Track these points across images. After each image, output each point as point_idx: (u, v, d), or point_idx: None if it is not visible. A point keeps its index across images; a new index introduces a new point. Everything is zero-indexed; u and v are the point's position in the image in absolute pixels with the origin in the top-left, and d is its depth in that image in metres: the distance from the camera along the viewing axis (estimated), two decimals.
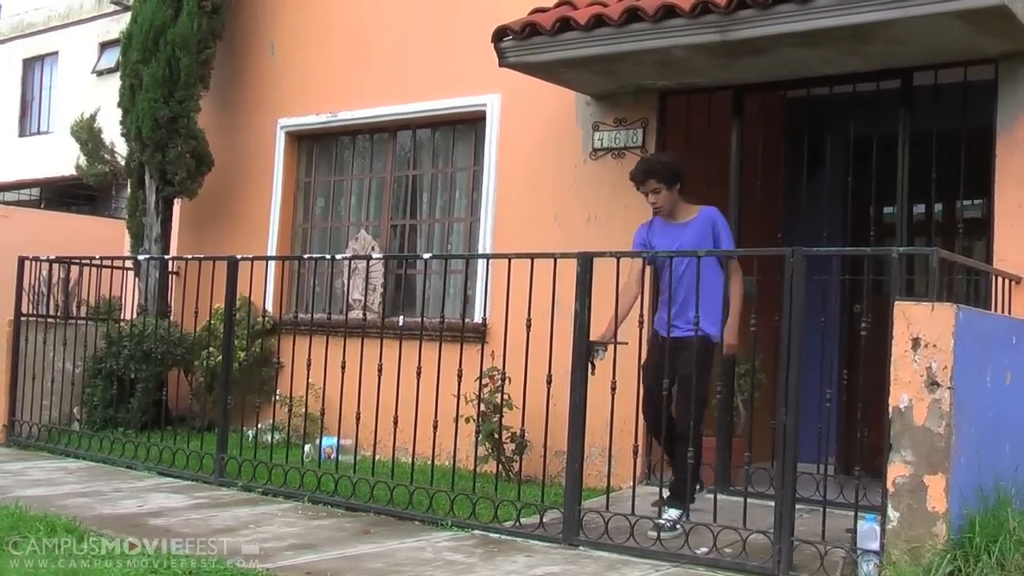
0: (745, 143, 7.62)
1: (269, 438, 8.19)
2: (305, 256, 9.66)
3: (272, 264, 9.68)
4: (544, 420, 6.13)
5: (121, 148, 12.25)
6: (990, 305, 6.17)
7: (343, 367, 6.83)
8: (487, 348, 7.24)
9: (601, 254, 6.08)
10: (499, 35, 7.49)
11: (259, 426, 8.59)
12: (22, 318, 9.39)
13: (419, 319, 7.11)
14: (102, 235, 15.64)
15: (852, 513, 5.27)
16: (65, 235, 14.96)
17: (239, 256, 7.96)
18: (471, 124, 9.12)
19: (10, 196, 24.87)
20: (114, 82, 11.94)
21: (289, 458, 7.39)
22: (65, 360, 9.33)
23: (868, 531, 5.04)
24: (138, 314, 10.22)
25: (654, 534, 5.63)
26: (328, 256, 8.52)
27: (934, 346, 4.71)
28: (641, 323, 6.08)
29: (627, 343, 6.05)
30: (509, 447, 7.44)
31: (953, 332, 4.69)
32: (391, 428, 6.63)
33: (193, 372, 9.76)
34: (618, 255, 6.05)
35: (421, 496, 6.50)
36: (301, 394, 7.77)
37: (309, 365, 7.09)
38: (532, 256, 6.24)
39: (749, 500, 5.55)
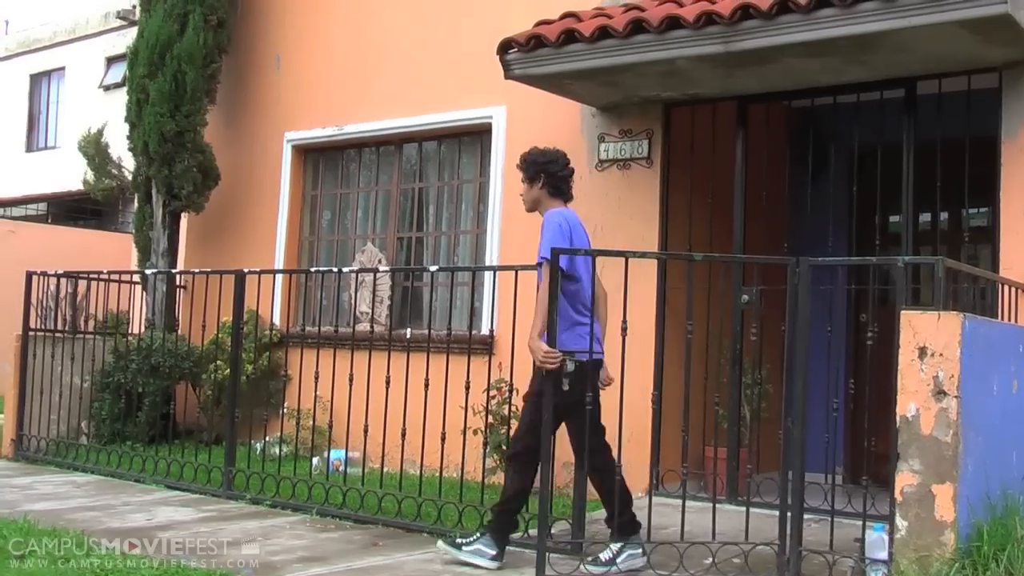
0: (749, 153, 7.64)
1: (277, 451, 8.20)
2: (312, 269, 9.68)
3: (279, 277, 9.71)
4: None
5: (128, 163, 12.28)
6: (996, 313, 6.16)
7: (351, 380, 6.84)
8: (494, 360, 7.25)
9: (577, 251, 6.01)
10: (504, 47, 7.52)
11: (267, 439, 8.60)
12: (30, 333, 9.42)
13: (426, 331, 7.12)
14: (109, 249, 15.72)
15: (860, 522, 5.28)
16: (72, 250, 15.05)
17: (246, 270, 7.99)
18: (477, 136, 9.15)
19: (17, 211, 24.92)
20: (121, 97, 12.00)
21: (297, 471, 7.39)
22: (73, 374, 9.35)
23: (876, 540, 5.05)
24: (146, 328, 10.25)
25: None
26: (335, 269, 8.55)
27: (940, 355, 4.72)
28: (624, 331, 5.73)
29: (602, 353, 5.94)
30: None
31: (959, 341, 4.69)
32: (399, 440, 6.64)
33: (201, 385, 9.78)
34: (593, 252, 5.81)
35: (429, 508, 6.51)
36: (309, 407, 7.78)
37: (317, 378, 7.11)
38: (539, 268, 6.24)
39: (757, 510, 5.55)
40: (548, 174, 5.90)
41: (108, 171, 16.84)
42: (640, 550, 5.53)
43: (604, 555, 5.56)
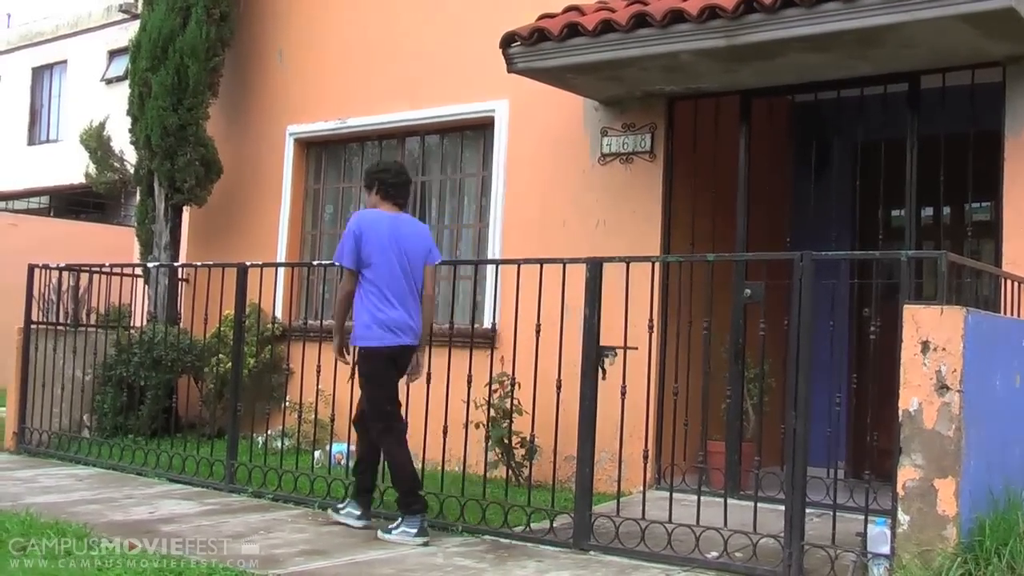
0: (753, 147, 7.63)
1: (279, 444, 8.21)
2: (314, 263, 9.67)
3: (281, 271, 9.71)
4: (554, 425, 6.14)
5: (130, 156, 12.28)
6: (999, 308, 6.16)
7: (352, 373, 6.83)
8: (497, 353, 7.25)
9: (611, 259, 6.09)
10: (507, 41, 7.51)
11: (269, 432, 8.60)
12: (32, 326, 9.41)
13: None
14: (111, 243, 15.74)
15: (862, 517, 5.28)
16: (74, 243, 15.06)
17: (248, 263, 7.98)
18: (479, 130, 9.14)
19: (20, 204, 24.93)
20: (123, 90, 11.99)
21: (299, 464, 7.39)
22: (75, 367, 9.35)
23: (878, 535, 5.04)
24: (148, 321, 10.25)
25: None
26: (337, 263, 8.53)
27: (943, 349, 4.72)
28: (651, 328, 6.06)
29: (637, 348, 6.05)
30: (519, 452, 7.44)
31: (962, 335, 4.69)
32: None
33: (203, 379, 9.78)
34: (627, 260, 6.05)
35: (431, 502, 6.49)
36: (311, 400, 7.78)
37: (319, 371, 7.10)
38: (541, 262, 6.26)
39: (759, 504, 5.55)
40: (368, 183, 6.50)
41: (110, 164, 16.89)
42: (416, 528, 5.94)
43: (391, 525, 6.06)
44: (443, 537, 6.10)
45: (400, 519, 6.00)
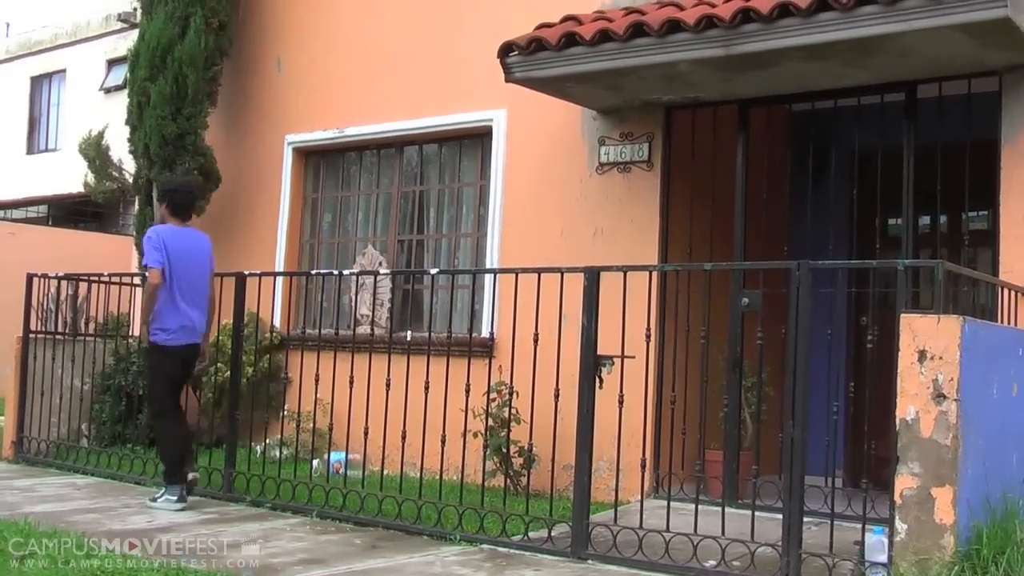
0: (750, 157, 7.65)
1: (277, 453, 8.19)
2: (313, 272, 9.66)
3: (280, 280, 9.71)
4: (552, 434, 6.15)
5: (129, 165, 12.26)
6: (996, 317, 6.18)
7: (351, 382, 6.85)
8: (495, 362, 7.25)
9: (608, 268, 6.11)
10: (505, 50, 7.53)
11: (267, 441, 8.60)
12: (30, 335, 9.41)
13: (427, 334, 7.13)
14: (110, 252, 15.71)
15: (860, 525, 5.29)
16: (73, 252, 15.05)
17: (247, 272, 8.00)
18: (478, 139, 9.15)
19: (18, 213, 24.94)
20: (122, 99, 11.99)
21: (297, 473, 7.40)
22: (73, 377, 9.35)
23: (876, 543, 5.05)
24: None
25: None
26: (336, 272, 8.55)
27: (940, 358, 4.73)
28: (648, 337, 6.08)
29: (634, 357, 6.06)
30: (517, 461, 7.45)
31: (959, 344, 4.71)
32: (399, 443, 6.65)
33: (201, 388, 9.76)
34: (625, 268, 6.07)
35: (429, 511, 6.51)
36: (309, 409, 7.78)
37: (317, 380, 7.11)
38: (539, 271, 6.26)
39: (757, 513, 5.55)
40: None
41: (109, 173, 16.81)
42: (176, 496, 6.99)
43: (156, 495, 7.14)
44: (441, 546, 6.10)
45: (164, 489, 7.08)
